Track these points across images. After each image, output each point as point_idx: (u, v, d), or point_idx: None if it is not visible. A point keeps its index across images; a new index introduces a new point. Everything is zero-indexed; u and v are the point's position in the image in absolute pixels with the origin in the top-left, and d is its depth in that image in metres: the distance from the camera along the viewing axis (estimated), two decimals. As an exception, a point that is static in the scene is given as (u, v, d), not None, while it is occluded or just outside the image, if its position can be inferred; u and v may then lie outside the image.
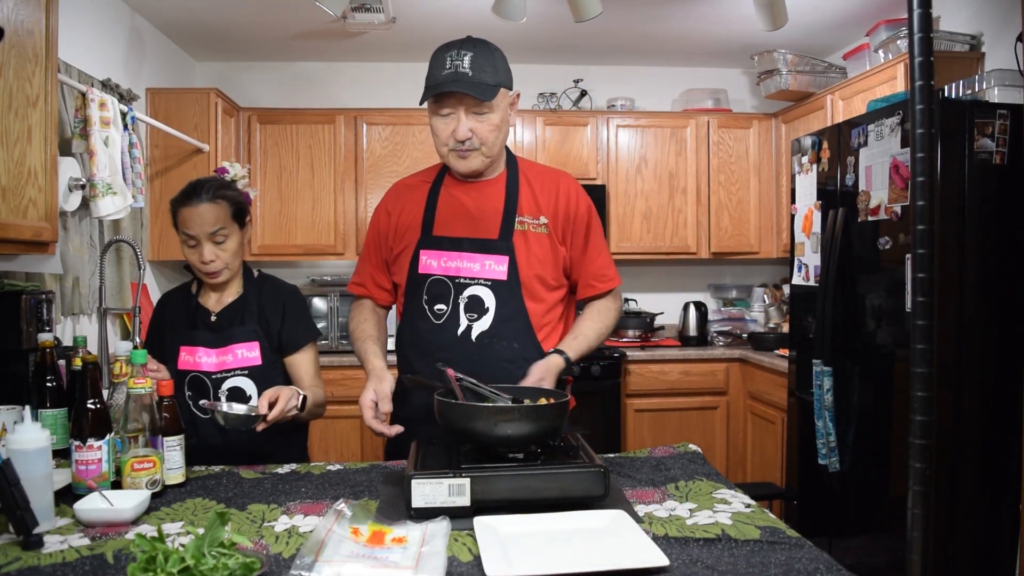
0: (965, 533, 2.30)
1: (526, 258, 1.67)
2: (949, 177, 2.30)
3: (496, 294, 1.66)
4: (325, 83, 4.25)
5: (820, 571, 1.01)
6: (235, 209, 1.77)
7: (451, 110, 1.60)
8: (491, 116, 1.61)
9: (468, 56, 1.56)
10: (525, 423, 1.27)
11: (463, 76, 1.55)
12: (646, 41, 3.91)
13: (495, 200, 1.70)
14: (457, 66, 1.55)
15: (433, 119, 1.64)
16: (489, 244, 1.67)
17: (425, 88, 1.60)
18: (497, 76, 1.59)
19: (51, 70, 1.89)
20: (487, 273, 1.67)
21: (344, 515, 1.17)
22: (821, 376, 2.66)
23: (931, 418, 0.79)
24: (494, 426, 1.26)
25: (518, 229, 1.68)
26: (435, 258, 1.69)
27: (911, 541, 0.79)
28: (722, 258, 4.22)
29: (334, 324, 3.85)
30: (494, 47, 1.62)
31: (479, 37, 1.63)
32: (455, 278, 1.68)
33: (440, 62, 1.58)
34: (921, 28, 0.79)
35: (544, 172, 1.79)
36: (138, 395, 1.39)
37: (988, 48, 2.96)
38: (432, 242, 1.70)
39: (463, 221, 1.70)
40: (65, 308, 2.62)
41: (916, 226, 0.79)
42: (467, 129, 1.59)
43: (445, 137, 1.63)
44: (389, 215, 1.78)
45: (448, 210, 1.71)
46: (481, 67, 1.56)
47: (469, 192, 1.72)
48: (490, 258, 1.67)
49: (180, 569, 0.92)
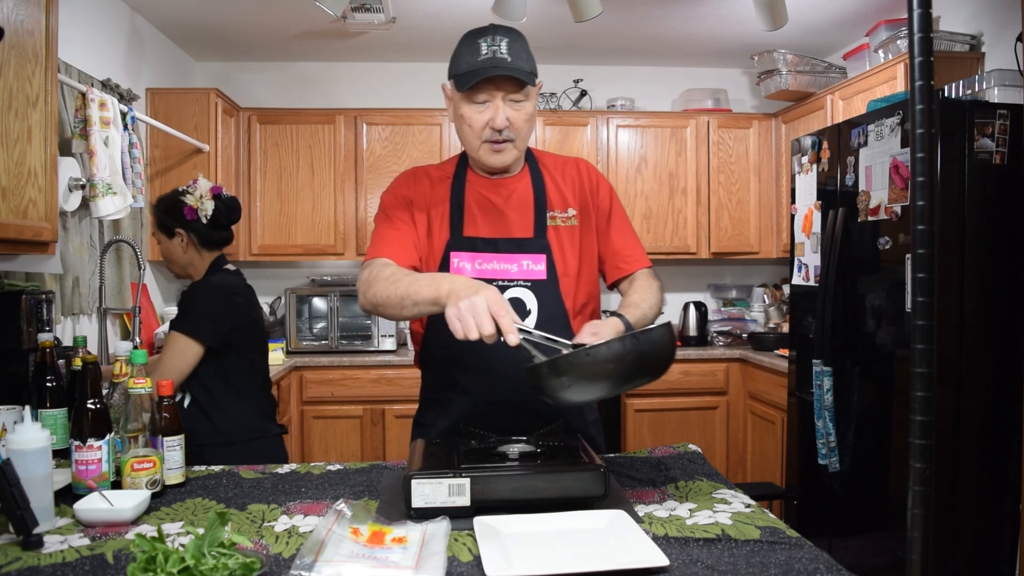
0: (965, 533, 2.30)
1: (561, 254, 1.61)
2: (949, 177, 2.30)
3: (537, 295, 1.58)
4: (325, 83, 4.26)
5: (820, 571, 1.01)
6: (157, 219, 2.10)
7: (487, 97, 1.50)
8: (526, 105, 1.53)
9: (505, 41, 1.47)
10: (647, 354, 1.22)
11: (502, 61, 1.46)
12: (646, 41, 3.91)
13: (524, 196, 1.62)
14: (495, 51, 1.46)
15: (466, 108, 1.52)
16: (525, 243, 1.59)
17: (459, 75, 1.49)
18: (531, 63, 1.51)
19: (51, 70, 1.89)
20: (526, 274, 1.59)
21: (344, 515, 1.17)
22: (821, 376, 2.66)
23: (931, 418, 0.79)
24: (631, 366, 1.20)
25: (550, 225, 1.61)
26: (468, 260, 1.58)
27: (911, 541, 0.79)
28: (722, 258, 4.22)
29: (334, 324, 3.85)
30: (521, 33, 1.54)
31: (504, 24, 1.55)
32: (492, 280, 1.56)
33: (474, 48, 1.48)
34: (921, 28, 0.79)
35: (561, 161, 1.71)
36: (138, 395, 1.39)
37: (988, 48, 2.96)
38: (464, 243, 1.59)
39: (494, 220, 1.60)
40: (65, 308, 2.62)
41: (916, 226, 0.79)
42: (504, 118, 1.49)
43: (479, 127, 1.52)
44: (412, 202, 1.62)
45: (477, 208, 1.61)
46: (518, 53, 1.48)
47: (497, 189, 1.62)
48: (527, 257, 1.59)
49: (180, 569, 0.92)
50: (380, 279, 1.42)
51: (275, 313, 4.14)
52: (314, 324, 3.92)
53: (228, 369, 1.98)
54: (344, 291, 3.86)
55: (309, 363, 3.66)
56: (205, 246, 2.08)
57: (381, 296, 1.40)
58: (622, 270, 1.65)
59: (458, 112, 1.54)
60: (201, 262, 2.09)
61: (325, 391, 3.66)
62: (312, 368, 3.66)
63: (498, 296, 1.22)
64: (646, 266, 1.66)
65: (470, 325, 1.19)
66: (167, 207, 2.07)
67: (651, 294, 1.58)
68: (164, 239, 2.09)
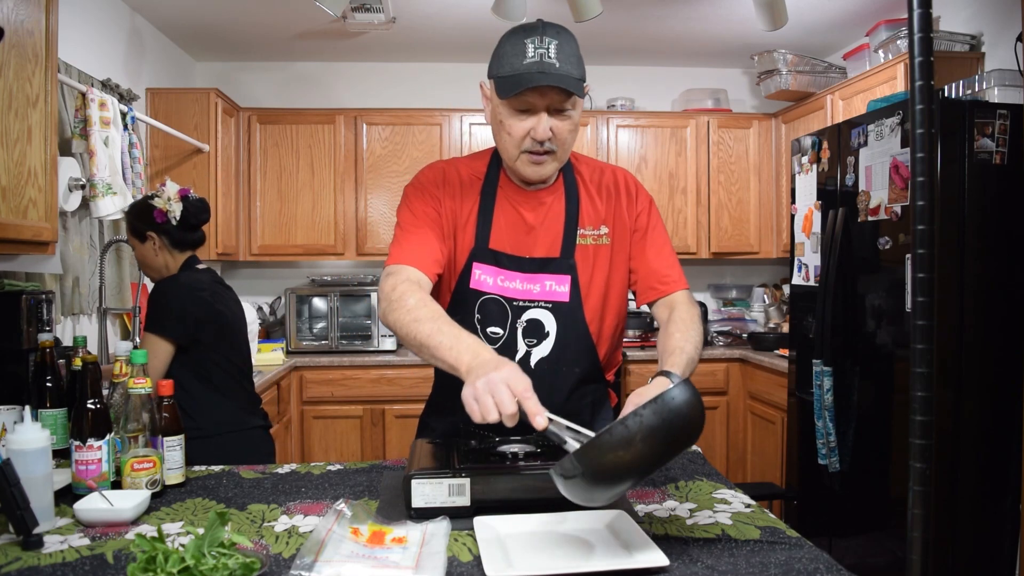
0: (965, 533, 2.30)
1: (589, 276, 1.52)
2: (949, 177, 2.30)
3: (558, 317, 1.50)
4: (325, 83, 4.26)
5: (820, 571, 1.01)
6: (128, 222, 2.17)
7: (531, 106, 1.38)
8: (572, 114, 1.41)
9: (554, 44, 1.36)
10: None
11: (550, 67, 1.34)
12: (646, 41, 3.91)
13: (556, 211, 1.53)
14: (542, 55, 1.35)
15: (506, 115, 1.41)
16: (551, 263, 1.51)
17: (501, 78, 1.38)
18: (580, 68, 1.39)
19: (51, 70, 1.89)
20: (548, 295, 1.50)
21: (344, 515, 1.17)
22: (821, 376, 2.66)
23: (931, 418, 0.79)
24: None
25: (580, 243, 1.52)
26: (490, 275, 1.50)
27: (911, 541, 0.79)
28: (722, 258, 4.22)
29: (334, 324, 3.85)
30: (572, 34, 1.42)
31: (553, 23, 1.42)
32: (512, 300, 1.50)
33: (519, 49, 1.37)
34: (921, 28, 0.79)
35: (599, 170, 1.60)
36: (138, 395, 1.39)
37: (988, 48, 2.96)
38: (488, 256, 1.50)
39: (522, 236, 1.51)
40: (65, 308, 2.62)
41: (916, 226, 0.79)
42: (547, 129, 1.39)
43: (519, 137, 1.41)
44: (439, 202, 1.52)
45: (506, 222, 1.51)
46: (568, 57, 1.37)
47: (530, 201, 1.52)
48: (551, 278, 1.50)
49: (180, 569, 0.92)
50: (403, 307, 1.32)
51: (275, 313, 4.14)
52: (314, 324, 3.92)
53: (199, 364, 2.02)
54: (344, 291, 3.86)
55: (309, 363, 3.66)
56: (177, 247, 2.14)
57: (401, 330, 1.32)
58: (658, 291, 1.54)
59: (496, 117, 1.44)
60: (174, 263, 2.15)
61: (325, 391, 3.67)
62: (312, 368, 3.66)
63: (518, 374, 1.12)
64: (683, 287, 1.54)
65: (488, 407, 1.08)
66: (137, 212, 2.14)
67: (693, 329, 1.43)
68: (137, 244, 2.15)
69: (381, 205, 3.96)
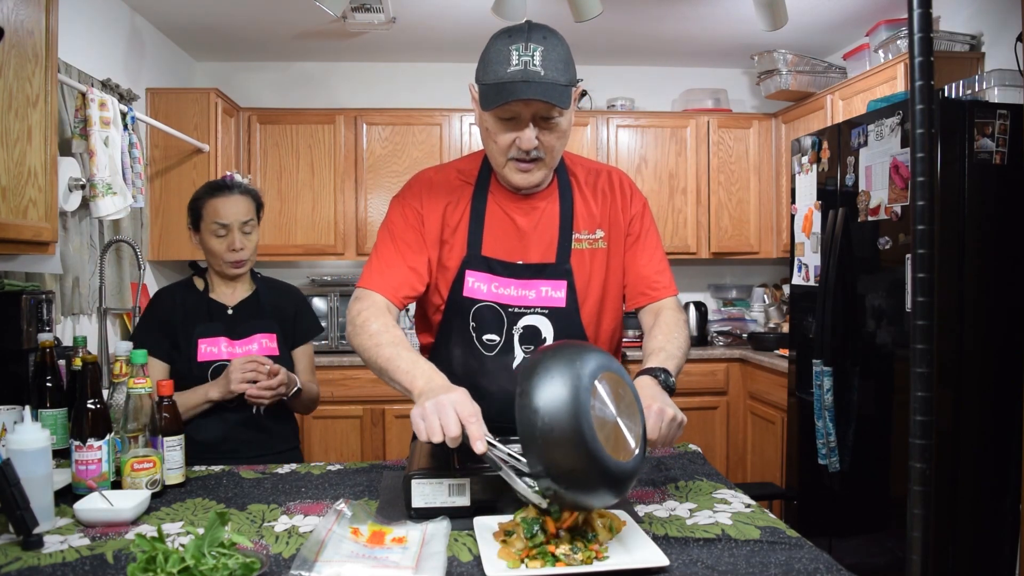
0: (965, 533, 2.30)
1: (585, 280, 1.51)
2: (949, 177, 2.30)
3: (554, 322, 1.49)
4: (325, 83, 4.26)
5: (820, 571, 1.01)
6: (258, 205, 1.96)
7: (516, 115, 1.36)
8: (560, 121, 1.39)
9: (539, 51, 1.31)
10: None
11: (534, 76, 1.31)
12: (646, 41, 3.91)
13: (550, 217, 1.51)
14: (527, 63, 1.31)
15: (491, 124, 1.39)
16: (546, 268, 1.49)
17: (487, 87, 1.35)
18: (568, 73, 1.35)
19: (51, 70, 1.89)
20: (544, 300, 1.49)
21: (344, 515, 1.17)
22: (821, 376, 2.66)
23: (931, 418, 0.79)
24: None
25: (575, 248, 1.50)
26: (484, 282, 1.49)
27: (911, 541, 0.79)
28: (722, 258, 4.22)
29: (334, 324, 3.85)
30: (559, 35, 1.37)
31: (540, 23, 1.37)
32: (508, 307, 1.49)
33: (503, 56, 1.33)
34: (921, 28, 0.79)
35: (594, 171, 1.59)
36: (138, 395, 1.40)
37: (988, 48, 2.96)
38: (481, 263, 1.49)
39: (515, 242, 1.50)
40: (65, 308, 2.62)
41: (916, 226, 0.79)
42: (532, 139, 1.37)
43: (505, 145, 1.40)
44: (421, 213, 1.51)
45: (499, 227, 1.50)
46: (554, 64, 1.32)
47: (522, 207, 1.51)
48: (547, 284, 1.49)
49: (180, 569, 0.92)
50: (365, 332, 1.37)
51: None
52: (314, 324, 3.91)
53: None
54: (344, 291, 3.86)
55: (309, 363, 3.65)
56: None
57: (364, 353, 1.37)
58: (648, 296, 1.54)
59: (483, 124, 1.42)
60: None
61: (325, 391, 3.65)
62: (312, 368, 3.65)
63: (468, 399, 1.15)
64: (672, 294, 1.55)
65: (434, 427, 1.11)
66: (257, 192, 1.98)
67: (678, 332, 1.45)
68: (256, 227, 1.94)
69: (381, 205, 3.96)
